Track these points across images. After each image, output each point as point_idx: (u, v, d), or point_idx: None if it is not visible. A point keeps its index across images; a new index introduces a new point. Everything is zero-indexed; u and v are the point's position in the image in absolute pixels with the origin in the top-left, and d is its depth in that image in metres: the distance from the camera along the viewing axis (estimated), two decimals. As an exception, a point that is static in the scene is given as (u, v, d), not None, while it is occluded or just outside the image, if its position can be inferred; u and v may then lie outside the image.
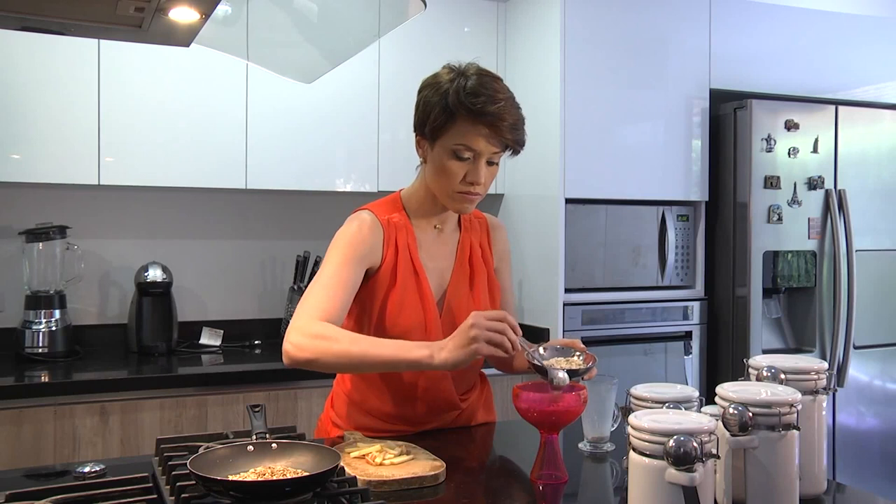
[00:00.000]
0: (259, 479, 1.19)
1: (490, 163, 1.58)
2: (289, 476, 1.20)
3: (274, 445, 1.30)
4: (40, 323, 2.65)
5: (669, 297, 3.07)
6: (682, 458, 1.02)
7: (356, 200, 1.80)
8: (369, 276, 1.61)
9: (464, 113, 1.52)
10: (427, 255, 1.66)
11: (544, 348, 1.51)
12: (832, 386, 1.69)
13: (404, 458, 1.42)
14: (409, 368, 1.53)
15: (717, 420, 1.14)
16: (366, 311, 1.63)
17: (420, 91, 1.61)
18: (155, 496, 1.21)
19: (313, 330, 1.46)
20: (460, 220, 1.75)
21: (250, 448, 1.29)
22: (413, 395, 1.66)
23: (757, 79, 3.18)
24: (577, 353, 1.50)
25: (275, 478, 1.20)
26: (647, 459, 1.08)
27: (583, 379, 1.46)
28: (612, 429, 1.60)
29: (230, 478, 1.19)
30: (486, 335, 1.38)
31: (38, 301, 2.67)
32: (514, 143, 1.57)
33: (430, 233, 1.69)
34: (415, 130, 1.63)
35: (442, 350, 1.41)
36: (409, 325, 1.60)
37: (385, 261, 1.61)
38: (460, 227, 1.74)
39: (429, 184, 1.64)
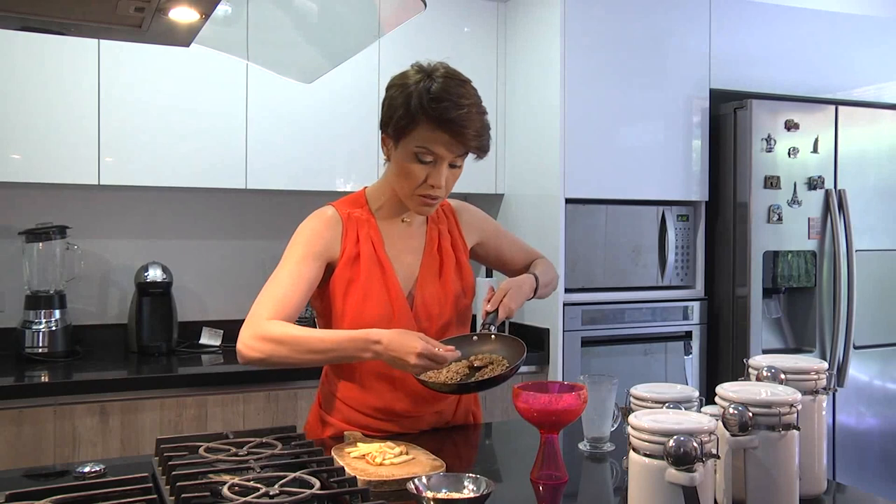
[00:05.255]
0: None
1: (452, 165, 1.59)
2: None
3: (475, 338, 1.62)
4: (40, 323, 2.65)
5: (669, 297, 3.06)
6: (682, 458, 1.02)
7: (356, 200, 1.80)
8: (332, 270, 1.63)
9: (425, 118, 1.53)
10: (394, 249, 1.68)
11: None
12: (832, 386, 1.69)
13: (404, 458, 1.42)
14: (356, 361, 1.61)
15: (717, 420, 1.14)
16: (331, 305, 1.65)
17: (387, 89, 1.62)
18: (155, 496, 1.21)
19: (263, 330, 1.51)
20: None
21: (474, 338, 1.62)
22: (392, 385, 1.66)
23: (757, 79, 3.18)
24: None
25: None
26: (647, 459, 1.08)
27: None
28: (612, 429, 1.60)
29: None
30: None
31: (38, 301, 2.67)
32: (477, 149, 1.59)
33: (397, 227, 1.70)
34: (380, 128, 1.64)
35: (380, 355, 1.48)
36: (375, 316, 1.60)
37: (344, 254, 1.63)
38: (428, 219, 1.75)
39: (391, 183, 1.65)
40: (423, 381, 1.50)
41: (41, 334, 2.65)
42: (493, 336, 1.61)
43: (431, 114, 1.51)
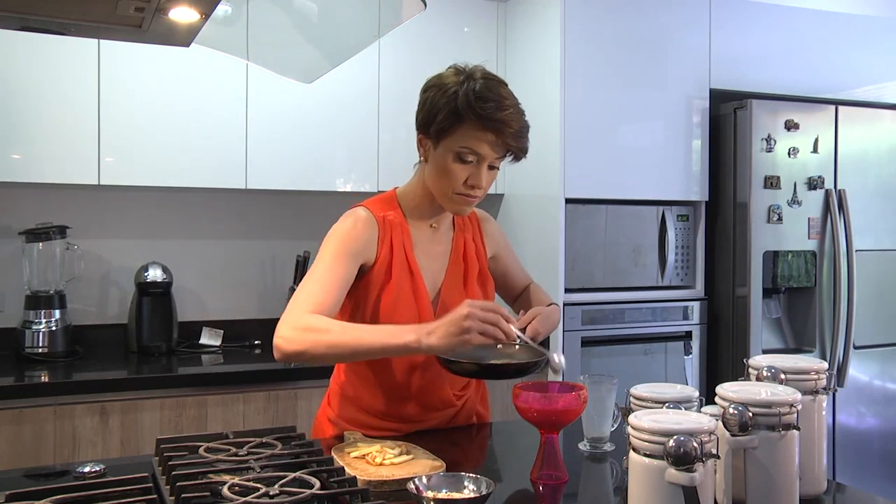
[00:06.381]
0: None
1: (491, 167, 1.60)
2: None
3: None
4: (40, 323, 2.65)
5: (669, 297, 3.06)
6: (682, 458, 1.02)
7: (356, 200, 1.80)
8: (363, 272, 1.62)
9: (472, 117, 1.52)
10: (422, 254, 1.67)
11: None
12: (832, 386, 1.69)
13: (404, 458, 1.42)
14: (399, 354, 1.55)
15: (717, 420, 1.14)
16: (360, 307, 1.64)
17: (425, 91, 1.61)
18: (155, 496, 1.21)
19: (303, 322, 1.47)
20: (454, 218, 1.76)
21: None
22: (407, 394, 1.66)
23: (757, 79, 3.18)
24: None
25: None
26: (647, 459, 1.08)
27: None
28: (612, 429, 1.60)
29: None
30: (480, 326, 1.38)
31: (38, 301, 2.67)
32: (518, 150, 1.59)
33: (425, 231, 1.70)
34: (418, 129, 1.63)
35: (430, 335, 1.40)
36: (404, 322, 1.60)
37: (379, 258, 1.62)
38: (454, 226, 1.76)
39: (428, 184, 1.64)
40: (445, 359, 1.45)
41: (41, 334, 2.64)
42: (516, 346, 1.55)
43: (480, 113, 1.51)
